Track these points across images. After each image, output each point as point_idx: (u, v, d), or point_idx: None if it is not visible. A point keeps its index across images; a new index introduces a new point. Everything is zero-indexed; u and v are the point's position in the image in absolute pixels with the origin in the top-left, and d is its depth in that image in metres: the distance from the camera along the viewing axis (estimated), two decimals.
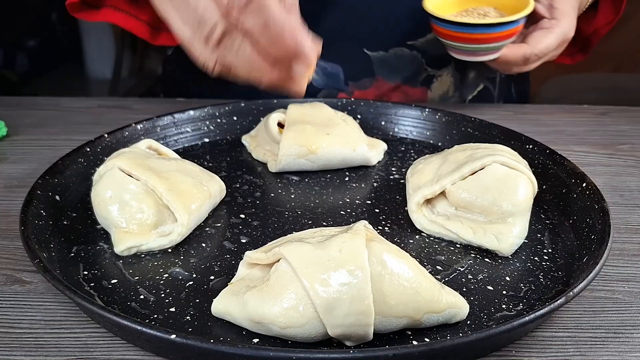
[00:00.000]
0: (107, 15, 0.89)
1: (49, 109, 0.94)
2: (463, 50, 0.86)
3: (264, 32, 0.51)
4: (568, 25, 0.87)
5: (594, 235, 0.60)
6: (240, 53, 0.53)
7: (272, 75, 0.54)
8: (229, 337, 0.50)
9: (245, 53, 0.53)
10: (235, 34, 0.52)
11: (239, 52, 0.53)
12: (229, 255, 0.61)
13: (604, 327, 0.53)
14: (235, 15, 0.51)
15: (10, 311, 0.54)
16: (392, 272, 0.49)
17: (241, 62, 0.53)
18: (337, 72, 0.96)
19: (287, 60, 0.54)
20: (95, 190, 0.62)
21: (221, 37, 0.52)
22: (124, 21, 0.91)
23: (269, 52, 0.53)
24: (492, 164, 0.62)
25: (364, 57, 0.95)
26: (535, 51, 0.85)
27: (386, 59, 0.95)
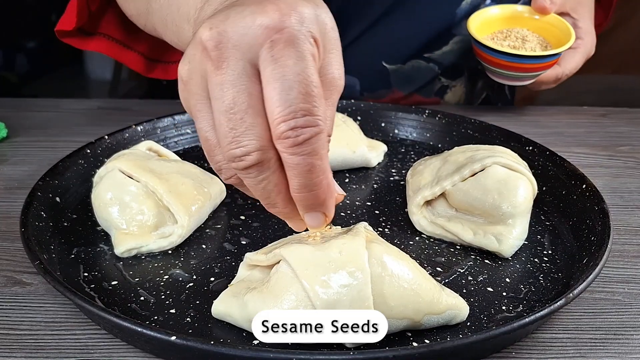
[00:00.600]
0: (99, 45, 0.85)
1: (49, 111, 0.94)
2: (503, 75, 0.89)
3: (304, 175, 0.42)
4: (591, 44, 0.91)
5: (594, 237, 0.60)
6: (263, 184, 0.44)
7: (283, 210, 0.46)
8: (229, 339, 0.50)
9: (268, 185, 0.44)
10: (267, 166, 0.43)
11: (262, 183, 0.43)
12: (229, 256, 0.61)
13: (604, 329, 0.53)
14: (282, 149, 0.41)
15: (10, 313, 0.54)
16: (392, 274, 0.50)
17: (259, 191, 0.44)
18: (354, 84, 0.97)
19: (306, 208, 0.46)
20: (96, 191, 0.62)
21: (250, 165, 0.42)
22: (117, 53, 0.87)
23: (293, 194, 0.44)
24: (492, 165, 0.62)
25: (381, 69, 0.96)
26: (567, 71, 0.90)
27: (403, 71, 0.96)
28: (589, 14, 0.93)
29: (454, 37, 0.95)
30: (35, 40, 2.47)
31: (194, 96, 0.43)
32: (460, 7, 0.92)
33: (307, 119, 0.40)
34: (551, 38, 0.89)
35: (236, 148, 0.42)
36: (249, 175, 0.43)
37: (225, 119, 0.41)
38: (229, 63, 0.41)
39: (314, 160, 0.42)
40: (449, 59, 0.96)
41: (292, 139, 0.41)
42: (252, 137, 0.41)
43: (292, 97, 0.40)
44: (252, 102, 0.41)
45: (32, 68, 2.48)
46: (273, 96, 0.40)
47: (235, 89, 0.41)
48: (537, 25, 0.90)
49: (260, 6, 0.41)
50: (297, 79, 0.40)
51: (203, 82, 0.42)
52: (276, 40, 0.40)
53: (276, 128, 0.41)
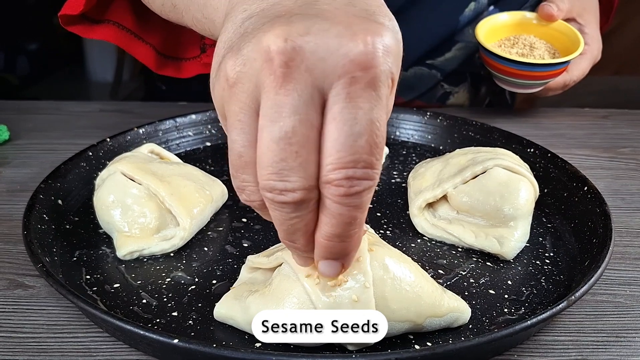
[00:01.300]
0: (107, 33, 0.78)
1: (51, 113, 0.94)
2: (511, 83, 0.89)
3: (342, 226, 0.38)
4: (597, 49, 0.91)
5: (596, 239, 0.60)
6: (293, 222, 0.39)
7: (300, 249, 0.42)
8: (231, 342, 0.51)
9: (297, 224, 0.39)
10: (305, 206, 0.38)
11: (292, 220, 0.39)
12: (231, 259, 0.61)
13: (606, 331, 0.53)
14: (329, 195, 0.37)
15: (13, 316, 0.54)
16: (394, 277, 0.50)
17: (285, 226, 0.39)
18: None
19: (328, 255, 0.41)
20: (98, 194, 0.63)
21: (288, 202, 0.38)
22: (127, 43, 0.80)
23: (320, 240, 0.40)
24: (494, 167, 0.63)
25: None
26: (574, 78, 0.89)
27: (405, 78, 0.96)
28: (595, 20, 0.93)
29: (457, 44, 0.94)
30: (36, 42, 2.47)
31: (238, 103, 0.37)
32: (464, 14, 0.92)
33: (366, 172, 0.36)
34: (559, 45, 0.88)
35: (279, 181, 0.37)
36: (282, 210, 0.38)
37: (276, 146, 0.36)
38: (297, 86, 0.35)
39: (358, 214, 0.38)
40: (452, 65, 0.96)
41: (345, 189, 0.36)
42: (302, 174, 0.37)
43: (358, 145, 0.36)
44: (312, 136, 0.36)
45: (33, 70, 2.48)
46: (336, 138, 0.36)
47: (298, 117, 0.36)
48: (545, 32, 0.89)
49: (350, 31, 0.35)
50: (369, 127, 0.36)
51: (255, 93, 0.37)
52: (358, 79, 0.35)
53: (330, 172, 0.36)
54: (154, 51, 0.83)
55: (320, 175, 0.37)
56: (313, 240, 0.40)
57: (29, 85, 2.44)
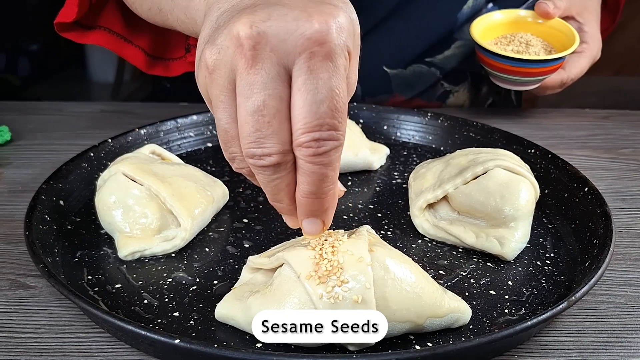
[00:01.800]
0: (99, 38, 0.83)
1: (52, 114, 0.94)
2: (507, 80, 0.89)
3: (315, 183, 0.44)
4: (597, 49, 0.91)
5: (596, 240, 0.60)
6: (275, 182, 0.44)
7: (287, 207, 0.47)
8: (232, 342, 0.51)
9: (280, 184, 0.44)
10: (283, 168, 0.44)
11: (274, 181, 0.44)
12: (232, 259, 0.61)
13: (606, 332, 0.54)
14: (301, 156, 0.42)
15: (14, 316, 0.54)
16: (394, 277, 0.50)
17: (269, 187, 0.45)
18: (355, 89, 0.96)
19: (308, 213, 0.46)
20: (99, 195, 0.63)
21: (267, 165, 0.43)
22: (117, 46, 0.85)
23: (299, 198, 0.45)
24: (495, 168, 0.63)
25: (382, 74, 0.95)
26: (572, 76, 0.89)
27: (404, 76, 0.96)
28: (595, 18, 0.93)
29: (456, 42, 0.95)
30: (38, 43, 2.47)
31: (217, 87, 0.43)
32: (462, 12, 0.92)
33: (330, 133, 0.42)
34: (555, 42, 0.88)
35: (257, 148, 0.42)
36: (264, 173, 0.44)
37: (251, 118, 0.42)
38: (264, 66, 0.41)
39: (328, 171, 0.43)
40: (451, 63, 0.96)
41: (314, 149, 0.42)
42: (275, 140, 0.42)
43: (322, 111, 0.41)
44: (281, 107, 0.42)
45: (34, 71, 2.48)
46: (302, 105, 0.41)
47: (267, 92, 0.41)
48: (541, 30, 0.90)
49: (306, 13, 0.41)
50: (329, 94, 0.41)
51: (231, 75, 0.42)
52: (315, 53, 0.41)
53: (300, 136, 0.42)
54: (143, 53, 0.87)
55: (293, 140, 0.42)
56: (294, 204, 0.46)
57: (30, 86, 2.44)
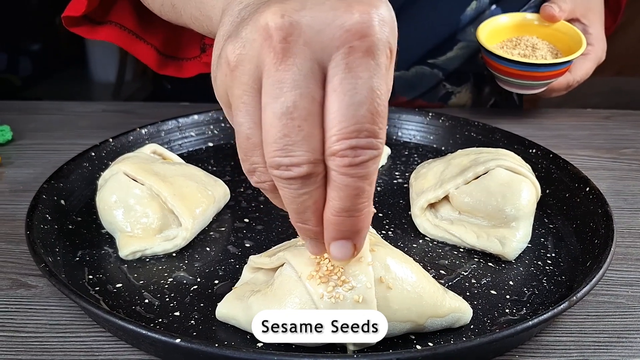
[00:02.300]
0: (109, 34, 0.80)
1: (54, 114, 0.94)
2: (514, 84, 0.89)
3: (349, 198, 0.38)
4: (602, 50, 0.92)
5: (598, 240, 0.60)
6: (302, 198, 0.39)
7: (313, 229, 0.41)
8: (233, 342, 0.51)
9: (307, 201, 0.39)
10: (313, 181, 0.38)
11: (301, 197, 0.39)
12: (233, 259, 0.61)
13: (608, 332, 0.53)
14: (334, 167, 0.37)
15: (15, 315, 0.54)
16: (395, 277, 0.50)
17: (295, 204, 0.39)
18: None
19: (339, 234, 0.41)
20: (100, 194, 0.63)
21: (295, 177, 0.38)
22: (128, 43, 0.81)
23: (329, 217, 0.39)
24: (496, 168, 0.63)
25: None
26: (577, 78, 0.90)
27: (407, 77, 0.96)
28: (600, 20, 0.92)
29: (459, 43, 0.94)
30: (39, 43, 2.48)
31: (241, 85, 0.38)
32: (465, 13, 0.92)
33: (369, 140, 0.36)
34: (561, 45, 0.88)
35: (285, 156, 0.37)
36: (290, 187, 0.38)
37: (279, 122, 0.36)
38: (296, 60, 0.36)
39: (365, 185, 0.38)
40: (454, 64, 0.96)
41: (350, 159, 0.37)
42: (306, 148, 0.37)
43: (360, 115, 0.36)
44: (314, 110, 0.37)
45: (35, 71, 2.49)
46: (338, 109, 0.36)
47: (299, 91, 0.36)
48: (547, 33, 0.90)
49: (343, 2, 0.36)
50: (370, 95, 0.36)
51: (257, 73, 0.37)
52: (355, 48, 0.36)
53: (334, 144, 0.36)
54: (155, 51, 0.84)
55: (325, 148, 0.37)
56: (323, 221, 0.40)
57: (31, 86, 2.45)
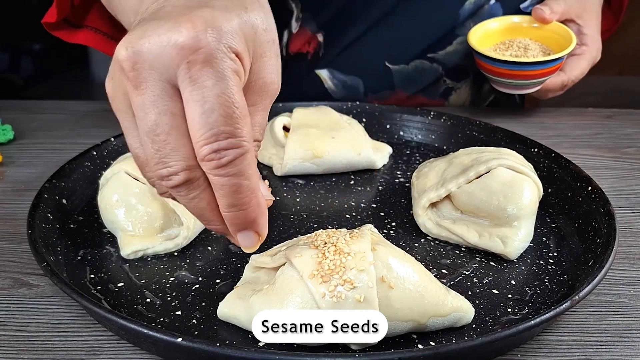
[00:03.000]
0: (86, 37, 0.84)
1: (55, 113, 0.94)
2: (508, 85, 0.90)
3: (231, 195, 0.42)
4: (597, 50, 0.92)
5: (600, 239, 0.60)
6: (194, 202, 0.43)
7: (219, 227, 0.45)
8: (234, 341, 0.51)
9: (200, 203, 0.43)
10: (196, 185, 0.42)
11: (193, 200, 0.43)
12: (235, 258, 0.61)
13: (610, 331, 0.53)
14: (207, 170, 0.41)
15: (17, 314, 0.54)
16: (397, 276, 0.50)
17: (193, 209, 0.44)
18: (357, 85, 0.96)
19: (237, 227, 0.44)
20: (102, 194, 0.63)
21: (178, 184, 0.42)
22: (104, 46, 0.85)
23: (223, 213, 0.43)
24: (498, 167, 0.62)
25: (384, 70, 0.95)
26: (572, 78, 0.90)
27: (407, 72, 0.96)
28: (595, 20, 0.93)
29: (458, 38, 0.95)
30: (40, 42, 2.48)
31: (120, 113, 0.43)
32: (464, 8, 0.93)
33: (229, 141, 0.40)
34: (553, 45, 0.89)
35: (162, 168, 0.41)
36: (179, 194, 0.43)
37: (149, 140, 0.41)
38: (148, 84, 0.40)
39: (241, 181, 0.41)
40: (453, 59, 0.96)
41: (216, 162, 0.40)
42: (177, 158, 0.41)
43: (213, 120, 0.39)
44: (175, 123, 0.40)
45: (37, 70, 2.49)
46: (194, 118, 0.39)
47: (157, 110, 0.40)
48: (538, 34, 0.91)
49: (176, 23, 0.39)
50: (218, 100, 0.39)
51: (127, 100, 0.42)
52: (193, 61, 0.39)
53: (199, 150, 0.40)
54: None
55: (196, 156, 0.41)
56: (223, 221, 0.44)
57: (33, 85, 2.45)
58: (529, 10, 0.96)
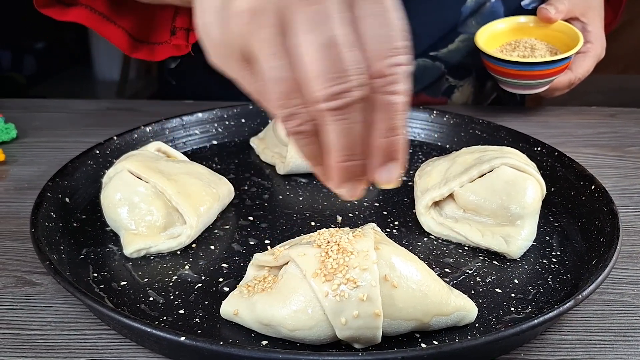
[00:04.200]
0: (79, 15, 0.79)
1: (58, 112, 0.94)
2: (516, 85, 0.90)
3: (399, 116, 0.39)
4: (601, 47, 0.92)
5: (603, 238, 0.60)
6: (356, 127, 0.39)
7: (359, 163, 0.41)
8: (237, 340, 0.51)
9: (356, 129, 0.39)
10: (362, 107, 0.39)
11: (355, 125, 0.39)
12: (238, 257, 0.61)
13: (613, 330, 0.53)
14: (386, 84, 0.38)
15: (20, 313, 0.54)
16: (400, 275, 0.50)
17: (344, 137, 0.39)
18: None
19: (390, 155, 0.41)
20: (105, 192, 0.63)
21: (351, 102, 0.38)
22: (99, 25, 0.80)
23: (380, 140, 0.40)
24: (501, 166, 0.62)
25: None
26: (579, 75, 0.90)
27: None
28: (599, 18, 0.94)
29: (460, 36, 0.95)
30: (43, 41, 2.48)
31: (267, 30, 0.38)
32: (466, 5, 0.93)
33: (407, 57, 0.39)
34: (559, 44, 0.90)
35: (337, 84, 0.38)
36: (343, 117, 0.39)
37: (323, 54, 0.37)
38: None
39: (405, 100, 0.40)
40: (456, 57, 0.96)
41: (396, 76, 0.38)
42: (355, 71, 0.38)
43: (395, 34, 0.38)
44: (352, 35, 0.38)
45: (39, 69, 2.49)
46: (372, 31, 0.38)
47: (339, 21, 0.38)
48: (545, 34, 0.91)
49: None
50: (396, 15, 0.39)
51: (279, 15, 0.38)
52: None
53: (380, 62, 0.38)
54: (126, 34, 0.82)
55: (371, 72, 0.38)
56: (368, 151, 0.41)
57: (35, 84, 2.45)
58: (530, 8, 0.96)
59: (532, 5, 0.96)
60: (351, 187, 0.43)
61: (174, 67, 1.02)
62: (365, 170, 0.42)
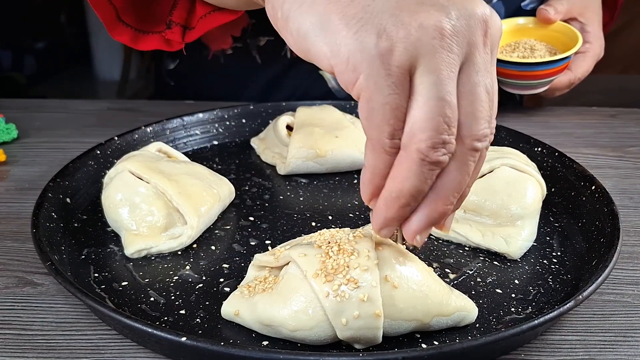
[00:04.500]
0: None
1: (59, 112, 0.94)
2: (517, 86, 0.91)
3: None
4: (600, 47, 0.93)
5: (603, 238, 0.60)
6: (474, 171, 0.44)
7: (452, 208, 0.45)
8: (238, 340, 0.51)
9: (471, 176, 0.44)
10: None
11: (474, 169, 0.44)
12: (238, 257, 0.61)
13: (614, 331, 0.53)
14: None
15: (21, 313, 0.54)
16: (401, 275, 0.50)
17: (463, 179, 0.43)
18: None
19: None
20: (106, 193, 0.63)
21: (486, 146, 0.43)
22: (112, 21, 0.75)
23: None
24: (501, 167, 0.62)
25: None
26: (579, 75, 0.91)
27: None
28: (597, 18, 0.94)
29: None
30: (44, 41, 2.48)
31: (451, 54, 0.40)
32: None
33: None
34: (558, 44, 0.91)
35: (487, 128, 0.42)
36: (473, 158, 0.43)
37: (487, 98, 0.42)
38: (494, 48, 0.43)
39: None
40: None
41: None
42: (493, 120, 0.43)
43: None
44: None
45: (40, 69, 2.49)
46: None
47: (493, 73, 0.43)
48: (544, 34, 0.92)
49: None
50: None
51: (466, 48, 0.41)
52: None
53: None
54: (113, 11, 0.76)
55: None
56: None
57: (36, 84, 2.45)
58: (529, 8, 0.97)
59: (531, 6, 0.96)
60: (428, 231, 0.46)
61: (172, 68, 1.02)
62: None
